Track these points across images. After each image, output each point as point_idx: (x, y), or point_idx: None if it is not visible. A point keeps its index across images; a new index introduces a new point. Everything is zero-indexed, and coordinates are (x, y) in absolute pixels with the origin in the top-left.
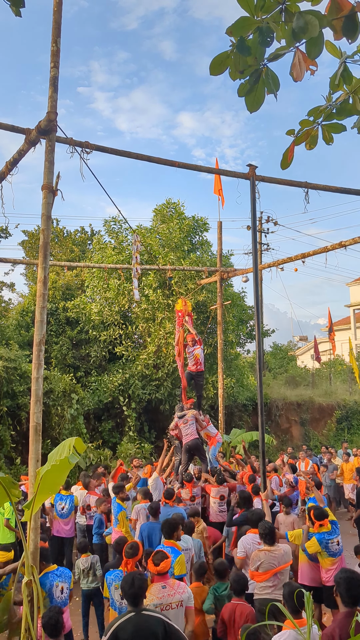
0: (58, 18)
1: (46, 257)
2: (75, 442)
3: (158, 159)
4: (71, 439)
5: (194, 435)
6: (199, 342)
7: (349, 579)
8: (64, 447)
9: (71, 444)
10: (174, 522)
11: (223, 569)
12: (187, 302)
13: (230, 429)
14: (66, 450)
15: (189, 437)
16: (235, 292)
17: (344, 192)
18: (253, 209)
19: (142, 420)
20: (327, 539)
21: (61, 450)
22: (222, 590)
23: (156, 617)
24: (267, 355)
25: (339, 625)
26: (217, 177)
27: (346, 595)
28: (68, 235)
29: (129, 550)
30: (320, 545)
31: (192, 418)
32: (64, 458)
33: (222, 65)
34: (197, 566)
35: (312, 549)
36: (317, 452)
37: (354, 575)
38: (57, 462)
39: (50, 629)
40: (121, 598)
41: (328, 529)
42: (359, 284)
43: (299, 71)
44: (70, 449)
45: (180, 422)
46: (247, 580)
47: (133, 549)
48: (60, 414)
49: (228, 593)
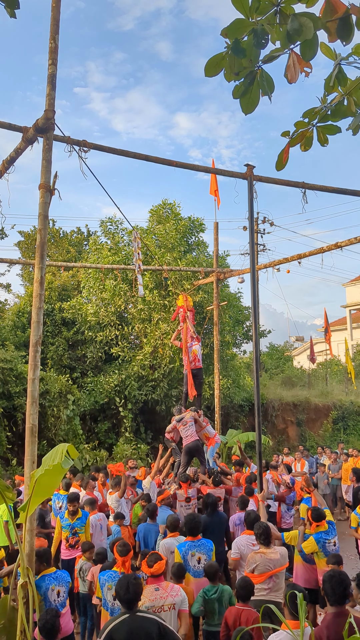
0: (56, 14)
1: (43, 257)
2: (68, 449)
3: (156, 158)
4: (64, 445)
5: (194, 436)
6: (197, 339)
7: (333, 578)
8: (56, 453)
9: (63, 450)
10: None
11: (213, 572)
12: (188, 298)
13: (226, 429)
14: (59, 456)
15: (189, 439)
16: (231, 292)
17: (340, 192)
18: (250, 209)
19: (138, 421)
20: (325, 539)
21: (54, 455)
22: (212, 593)
23: (151, 619)
24: (263, 356)
25: (327, 625)
26: (213, 178)
27: (331, 594)
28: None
29: (121, 548)
30: (318, 544)
31: (190, 419)
32: (57, 464)
33: (217, 66)
34: (174, 569)
35: (308, 549)
36: (314, 453)
37: (339, 574)
38: (50, 467)
39: (46, 632)
40: (114, 599)
41: (325, 528)
42: (355, 285)
43: (294, 73)
44: (62, 455)
45: (179, 425)
46: (253, 586)
47: (125, 547)
48: (57, 415)
49: (217, 596)
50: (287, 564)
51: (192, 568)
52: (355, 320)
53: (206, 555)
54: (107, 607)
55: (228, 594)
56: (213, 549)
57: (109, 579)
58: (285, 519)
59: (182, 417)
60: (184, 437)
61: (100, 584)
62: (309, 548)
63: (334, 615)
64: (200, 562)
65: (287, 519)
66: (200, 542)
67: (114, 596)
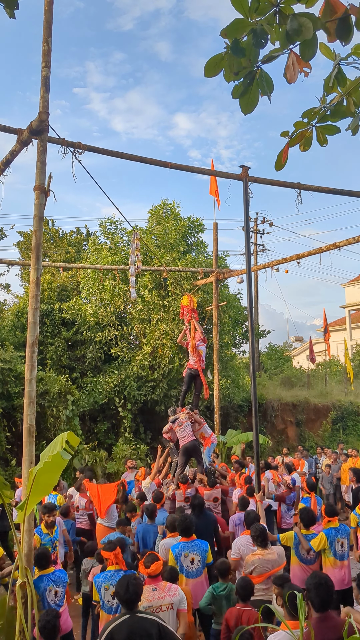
0: (49, 17)
1: (39, 259)
2: (69, 436)
3: (151, 160)
4: (64, 433)
5: (191, 437)
6: (204, 340)
7: (317, 585)
8: (56, 443)
9: (64, 439)
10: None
11: (225, 569)
12: (192, 298)
13: (226, 429)
14: (59, 446)
15: (186, 439)
16: (231, 293)
17: (336, 192)
18: (246, 210)
19: (137, 421)
20: (335, 536)
21: (53, 446)
22: (221, 590)
23: (150, 619)
24: (262, 356)
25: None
26: (213, 179)
27: (316, 601)
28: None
29: (106, 546)
30: (328, 539)
31: (186, 419)
32: (56, 454)
33: (216, 67)
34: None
35: (318, 545)
36: (313, 453)
37: (323, 580)
38: (50, 458)
39: (47, 633)
40: (112, 598)
41: (336, 525)
42: (354, 285)
43: (293, 73)
44: (62, 444)
45: (175, 426)
46: (253, 586)
47: (111, 544)
48: (56, 415)
49: (226, 594)
50: (284, 563)
51: (186, 569)
52: (355, 321)
53: (200, 556)
54: (105, 608)
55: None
56: (207, 549)
57: (105, 580)
58: (286, 519)
59: (176, 418)
60: (180, 438)
61: (97, 586)
62: (319, 544)
63: (318, 619)
64: (193, 562)
65: (287, 519)
66: (194, 543)
67: (112, 595)
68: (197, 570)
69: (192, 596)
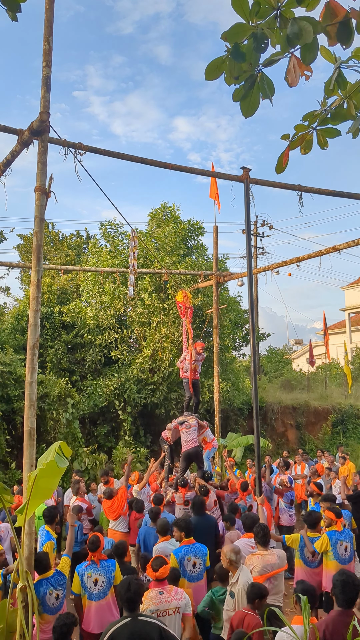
0: (50, 16)
1: (39, 260)
2: (61, 445)
3: (152, 161)
4: (56, 443)
5: (195, 442)
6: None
7: (345, 582)
8: (50, 452)
9: (56, 448)
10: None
11: (225, 573)
12: (187, 294)
13: (226, 432)
14: (52, 454)
15: (190, 444)
16: (231, 296)
17: (336, 195)
18: (247, 212)
19: (137, 424)
20: (337, 538)
21: (47, 455)
22: (220, 594)
23: (152, 623)
24: (262, 359)
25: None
26: (213, 181)
27: (341, 597)
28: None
29: (91, 545)
30: (330, 541)
31: (195, 424)
32: (50, 462)
33: (217, 70)
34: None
35: (321, 547)
36: (313, 456)
37: (351, 578)
38: (44, 465)
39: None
40: (94, 584)
41: (340, 528)
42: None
43: (294, 76)
44: (54, 453)
45: (182, 427)
46: (262, 591)
47: (94, 544)
48: (56, 418)
49: (225, 598)
50: (285, 566)
51: (188, 573)
52: (354, 324)
53: (201, 560)
54: (90, 594)
55: None
56: (207, 553)
57: (88, 569)
58: (284, 517)
59: (185, 420)
60: (184, 441)
61: (80, 574)
62: (321, 546)
63: (339, 613)
64: (195, 566)
65: (285, 517)
66: (196, 547)
67: (94, 582)
68: (198, 573)
69: (194, 599)
